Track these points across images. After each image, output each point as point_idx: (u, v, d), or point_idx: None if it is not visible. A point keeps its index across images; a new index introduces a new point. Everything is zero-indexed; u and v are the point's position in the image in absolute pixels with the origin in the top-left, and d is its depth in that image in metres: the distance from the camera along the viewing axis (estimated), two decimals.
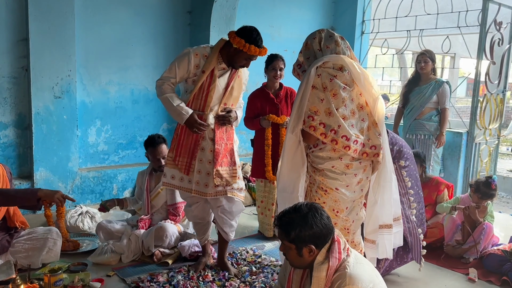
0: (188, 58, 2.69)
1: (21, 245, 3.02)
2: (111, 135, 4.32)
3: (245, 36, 2.64)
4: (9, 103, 3.66)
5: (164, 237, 3.23)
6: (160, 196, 3.51)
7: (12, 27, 3.58)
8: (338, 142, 2.18)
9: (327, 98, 2.17)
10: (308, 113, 2.20)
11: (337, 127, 2.17)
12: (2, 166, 3.02)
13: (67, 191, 3.95)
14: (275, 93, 3.66)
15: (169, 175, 2.91)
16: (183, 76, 2.75)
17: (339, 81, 2.17)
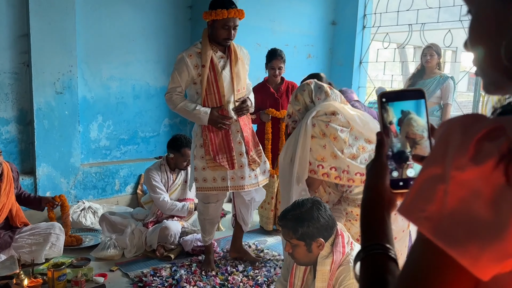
0: (185, 62, 2.70)
1: (24, 241, 3.03)
2: (113, 130, 4.31)
3: (210, 7, 2.67)
4: (10, 99, 3.66)
5: (168, 236, 3.25)
6: (176, 193, 3.56)
7: (13, 23, 3.56)
8: (354, 180, 2.22)
9: (328, 143, 2.21)
10: (316, 162, 2.23)
11: (347, 167, 2.19)
12: (8, 165, 3.04)
13: (70, 187, 3.96)
14: (276, 88, 3.66)
15: (201, 179, 2.85)
16: (187, 81, 2.76)
17: (335, 125, 2.22)
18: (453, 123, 0.50)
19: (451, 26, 5.13)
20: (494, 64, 0.55)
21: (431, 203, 0.48)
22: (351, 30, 5.98)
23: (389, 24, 5.78)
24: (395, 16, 5.53)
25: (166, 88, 4.48)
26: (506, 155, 0.44)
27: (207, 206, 2.96)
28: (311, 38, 5.67)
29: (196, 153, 2.86)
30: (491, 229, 0.44)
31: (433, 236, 0.48)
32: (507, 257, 0.44)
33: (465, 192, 0.46)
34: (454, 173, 0.47)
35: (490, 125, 0.47)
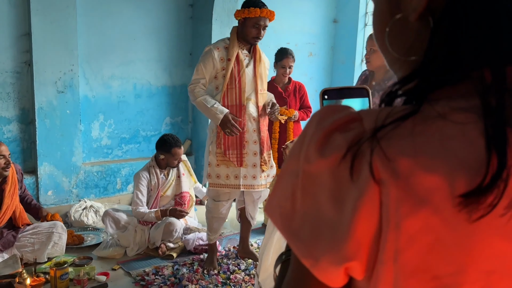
0: (212, 54, 2.75)
1: (26, 240, 3.04)
2: (114, 129, 4.31)
3: (243, 5, 2.74)
4: (12, 98, 3.66)
5: (173, 232, 3.25)
6: (170, 189, 3.55)
7: (14, 22, 3.56)
8: None
9: None
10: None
11: None
12: (13, 167, 3.04)
13: (71, 186, 3.96)
14: (283, 87, 3.64)
15: (214, 175, 2.88)
16: (211, 73, 2.79)
17: None
18: (314, 114, 0.47)
19: None
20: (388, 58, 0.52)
21: (287, 200, 0.45)
22: (352, 28, 5.97)
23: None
24: None
25: (167, 87, 4.54)
26: (353, 146, 0.40)
27: (217, 204, 2.97)
28: (312, 36, 5.66)
29: (211, 149, 2.88)
30: (333, 228, 0.41)
31: (284, 234, 0.45)
32: (348, 259, 0.40)
33: (313, 187, 0.43)
34: (304, 166, 0.43)
35: (347, 116, 0.43)
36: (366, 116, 0.42)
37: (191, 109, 4.79)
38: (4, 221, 3.03)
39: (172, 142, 3.40)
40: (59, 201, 3.90)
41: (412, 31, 0.48)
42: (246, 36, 2.77)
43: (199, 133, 4.71)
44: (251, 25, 2.71)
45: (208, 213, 3.06)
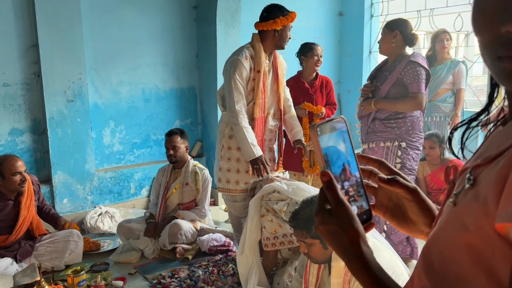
0: (243, 65, 2.71)
1: (44, 249, 3.09)
2: (125, 135, 4.35)
3: (278, 14, 2.74)
4: (23, 109, 3.72)
5: (178, 234, 3.27)
6: (174, 195, 3.54)
7: (21, 34, 3.62)
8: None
9: (272, 216, 2.56)
10: (272, 236, 2.57)
11: (291, 230, 2.43)
12: (29, 178, 3.09)
13: (86, 193, 4.01)
14: (310, 83, 3.51)
15: (224, 180, 2.91)
16: (246, 85, 2.77)
17: (273, 200, 2.56)
18: None
19: (461, 10, 5.02)
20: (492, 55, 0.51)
21: None
22: (359, 20, 5.92)
23: (397, 12, 5.69)
24: (403, 3, 5.44)
25: (175, 90, 4.56)
26: None
27: (233, 204, 3.01)
28: (318, 31, 5.63)
29: (223, 154, 2.89)
30: None
31: None
32: None
33: None
34: None
35: None
36: None
37: (200, 111, 4.80)
38: (22, 232, 3.08)
39: (169, 131, 3.52)
40: (75, 209, 3.96)
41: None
42: (283, 42, 2.79)
43: (209, 134, 4.72)
44: (288, 29, 2.78)
45: (230, 214, 3.09)
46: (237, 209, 2.98)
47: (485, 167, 0.50)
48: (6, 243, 3.02)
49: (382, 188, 0.73)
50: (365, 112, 2.97)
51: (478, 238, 0.47)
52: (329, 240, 0.63)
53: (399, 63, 2.82)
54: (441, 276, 0.53)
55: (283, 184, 2.60)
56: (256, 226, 2.59)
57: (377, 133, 2.93)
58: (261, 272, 2.60)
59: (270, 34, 2.76)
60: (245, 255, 2.58)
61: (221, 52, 4.43)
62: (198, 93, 4.77)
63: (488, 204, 0.46)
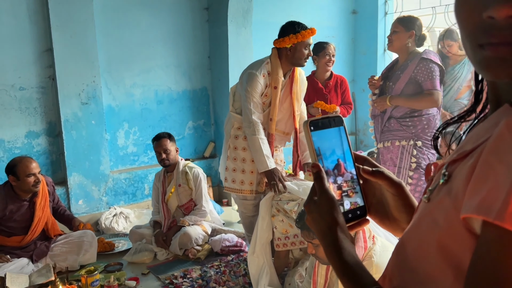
0: (259, 81, 2.69)
1: (59, 249, 3.14)
2: (139, 136, 4.40)
3: (289, 31, 2.67)
4: (39, 112, 3.79)
5: (188, 243, 3.28)
6: (172, 198, 3.55)
7: (36, 39, 3.69)
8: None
9: (283, 216, 2.55)
10: (283, 236, 2.56)
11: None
12: (44, 180, 3.15)
13: (101, 194, 4.06)
14: (324, 83, 3.49)
15: (230, 179, 2.92)
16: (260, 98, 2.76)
17: (284, 200, 2.57)
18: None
19: None
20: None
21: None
22: (372, 17, 5.85)
23: (412, 9, 5.61)
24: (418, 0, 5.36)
25: (188, 91, 4.58)
26: None
27: (242, 202, 3.00)
28: (332, 29, 5.59)
29: (229, 154, 2.90)
30: None
31: None
32: None
33: None
34: None
35: None
36: None
37: (212, 111, 4.82)
38: (37, 232, 3.14)
39: (156, 136, 3.53)
40: (90, 210, 4.01)
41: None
42: (299, 60, 2.72)
43: (223, 134, 4.71)
44: (303, 47, 2.68)
45: (241, 215, 3.09)
46: (247, 207, 2.97)
47: (461, 162, 0.49)
48: (22, 243, 3.09)
49: (366, 183, 0.72)
50: (380, 108, 2.93)
51: (448, 234, 0.46)
52: (313, 228, 0.66)
53: (411, 61, 2.78)
54: (412, 273, 0.52)
55: (293, 184, 2.59)
56: (267, 226, 2.58)
57: (392, 132, 2.89)
58: (272, 272, 2.59)
59: (283, 51, 2.71)
60: (256, 255, 2.58)
61: (232, 53, 4.44)
62: (210, 94, 4.78)
63: (458, 199, 0.45)
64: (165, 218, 3.50)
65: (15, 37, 3.58)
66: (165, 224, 3.47)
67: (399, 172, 2.88)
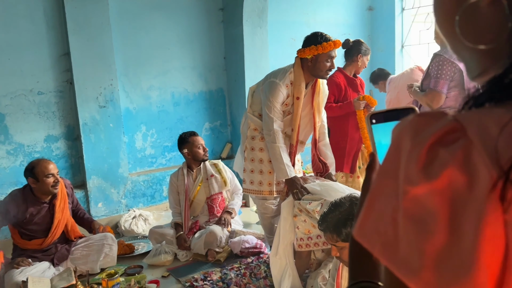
0: (281, 91, 2.66)
1: (79, 252, 3.15)
2: (157, 138, 4.40)
3: (311, 41, 2.64)
4: (57, 116, 3.81)
5: (215, 243, 3.26)
6: (200, 192, 3.54)
7: (54, 43, 3.71)
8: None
9: (305, 216, 2.49)
10: (305, 236, 2.49)
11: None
12: (62, 182, 3.17)
13: (120, 196, 4.07)
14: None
15: (248, 181, 2.90)
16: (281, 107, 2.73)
17: (305, 200, 2.50)
18: (404, 125, 0.41)
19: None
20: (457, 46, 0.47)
21: (387, 225, 0.40)
22: (389, 13, 5.77)
23: (429, 4, 5.49)
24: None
25: (204, 93, 4.57)
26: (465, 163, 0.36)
27: (262, 203, 2.96)
28: (347, 27, 5.52)
29: (246, 155, 2.87)
30: (451, 258, 0.35)
31: (389, 265, 0.40)
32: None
33: (420, 211, 0.37)
34: (406, 187, 0.38)
35: (446, 125, 0.38)
36: (468, 123, 0.38)
37: (229, 113, 4.80)
38: (57, 235, 3.15)
39: (188, 133, 3.53)
40: (109, 212, 4.03)
41: (483, 17, 0.43)
42: (320, 72, 2.67)
43: (239, 135, 4.69)
44: (324, 59, 2.63)
45: (260, 216, 3.05)
46: (267, 208, 2.93)
47: None
48: (42, 246, 3.10)
49: None
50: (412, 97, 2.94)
51: None
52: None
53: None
54: None
55: (315, 185, 2.55)
56: (290, 226, 2.54)
57: None
58: (295, 274, 2.55)
59: (305, 62, 2.68)
60: (279, 257, 2.54)
61: (248, 53, 4.41)
62: (226, 95, 4.76)
63: None
64: (185, 219, 3.48)
65: (32, 42, 3.62)
66: (186, 225, 3.46)
67: None
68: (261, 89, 2.74)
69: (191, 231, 3.45)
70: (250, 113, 2.81)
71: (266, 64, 4.56)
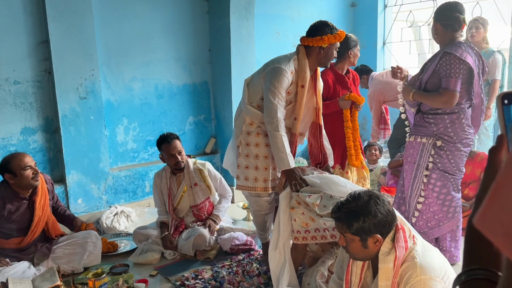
0: (287, 77, 2.58)
1: (61, 251, 2.99)
2: (139, 132, 4.24)
3: (326, 30, 2.59)
4: (35, 107, 3.61)
5: (203, 245, 3.16)
6: (184, 200, 3.39)
7: (31, 30, 3.50)
8: (336, 236, 2.33)
9: (304, 209, 2.42)
10: (303, 229, 2.42)
11: (324, 225, 2.37)
12: (42, 177, 3.00)
13: (100, 192, 3.91)
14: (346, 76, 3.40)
15: (242, 177, 2.76)
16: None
17: (304, 193, 2.45)
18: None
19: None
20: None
21: (510, 216, 0.40)
22: (371, 10, 5.79)
23: (411, 2, 5.55)
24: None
25: (188, 85, 4.44)
26: None
27: (255, 200, 2.84)
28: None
29: (241, 151, 2.76)
30: None
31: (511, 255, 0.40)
32: None
33: None
34: None
35: None
36: None
37: (213, 106, 4.69)
38: (37, 233, 2.98)
39: (162, 138, 3.30)
40: (90, 209, 3.86)
41: None
42: (328, 60, 2.69)
43: (224, 130, 4.61)
44: (334, 48, 2.66)
45: (254, 214, 2.95)
46: (262, 205, 2.84)
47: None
48: (21, 245, 2.93)
49: None
50: (405, 98, 2.83)
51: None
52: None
53: (440, 53, 2.64)
54: None
55: (314, 177, 2.49)
56: (288, 219, 2.47)
57: (417, 127, 2.78)
58: (292, 271, 2.49)
59: (315, 50, 2.63)
60: (279, 251, 2.46)
61: (235, 46, 4.32)
62: (211, 88, 4.65)
63: None
64: (171, 223, 3.35)
65: (8, 29, 3.39)
66: (172, 225, 3.33)
67: (417, 169, 2.78)
68: (261, 76, 2.64)
69: (176, 230, 3.33)
70: (248, 105, 2.70)
71: (253, 57, 4.47)
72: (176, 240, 3.26)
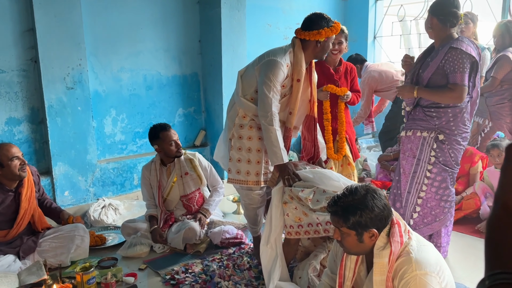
0: (282, 69, 2.53)
1: (48, 244, 2.93)
2: (127, 124, 4.17)
3: (322, 24, 2.54)
4: (20, 97, 3.51)
5: (194, 239, 3.12)
6: (174, 190, 3.35)
7: (17, 17, 3.40)
8: (329, 230, 2.30)
9: (297, 204, 2.39)
10: (296, 224, 2.38)
11: (317, 219, 2.33)
12: (29, 169, 2.93)
13: (88, 185, 3.83)
14: (334, 69, 3.36)
15: (234, 171, 2.72)
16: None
17: (297, 187, 2.42)
18: None
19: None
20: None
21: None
22: (363, 4, 5.78)
23: None
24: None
25: (178, 77, 4.37)
26: None
27: (247, 193, 2.80)
28: None
29: (233, 144, 2.71)
30: None
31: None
32: None
33: None
34: None
35: None
36: None
37: (203, 99, 4.63)
38: (23, 225, 2.91)
39: (158, 127, 3.26)
40: (77, 201, 3.79)
41: None
42: (324, 53, 2.66)
43: (214, 122, 4.56)
44: (330, 41, 2.63)
45: (245, 207, 2.92)
46: (253, 198, 2.81)
47: None
48: (7, 238, 2.86)
49: None
50: (403, 96, 2.79)
51: None
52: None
53: (441, 49, 2.60)
54: None
55: (307, 172, 2.47)
56: (281, 214, 2.44)
57: (416, 121, 2.75)
58: (284, 266, 2.47)
59: (311, 44, 2.59)
60: (270, 246, 2.44)
61: (226, 37, 4.26)
62: (201, 80, 4.59)
63: None
64: (161, 216, 3.30)
65: None
66: (161, 218, 3.28)
67: (418, 164, 2.75)
68: (256, 68, 2.59)
69: (166, 223, 3.28)
70: (242, 97, 2.66)
71: (244, 49, 4.42)
72: (166, 234, 3.22)
